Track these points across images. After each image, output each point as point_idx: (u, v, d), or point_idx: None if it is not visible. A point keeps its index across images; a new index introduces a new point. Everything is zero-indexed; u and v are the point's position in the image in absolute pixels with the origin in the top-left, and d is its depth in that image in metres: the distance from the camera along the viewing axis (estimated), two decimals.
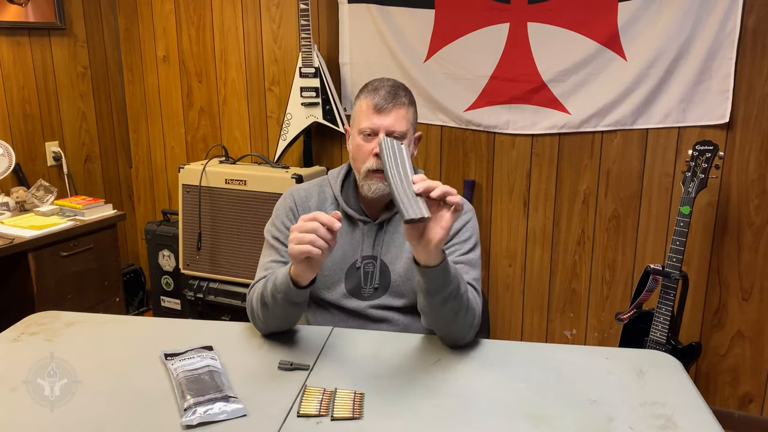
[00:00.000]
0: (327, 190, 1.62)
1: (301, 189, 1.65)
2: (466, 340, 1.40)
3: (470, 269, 1.51)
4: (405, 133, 1.50)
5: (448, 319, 1.36)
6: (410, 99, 1.54)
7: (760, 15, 2.22)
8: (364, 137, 1.50)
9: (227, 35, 3.11)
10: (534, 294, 2.79)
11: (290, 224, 1.57)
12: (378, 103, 1.48)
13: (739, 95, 2.30)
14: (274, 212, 1.63)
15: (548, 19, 2.49)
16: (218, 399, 1.15)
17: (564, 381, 1.26)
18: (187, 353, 1.31)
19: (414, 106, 1.55)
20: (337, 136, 2.95)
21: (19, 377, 1.27)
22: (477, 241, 1.57)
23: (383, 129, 1.48)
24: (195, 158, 3.34)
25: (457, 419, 1.13)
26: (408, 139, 1.51)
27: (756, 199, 2.34)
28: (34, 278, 2.45)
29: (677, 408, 1.16)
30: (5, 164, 2.70)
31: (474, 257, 1.54)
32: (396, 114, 1.49)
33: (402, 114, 1.50)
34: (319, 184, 1.65)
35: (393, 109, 1.48)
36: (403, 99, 1.51)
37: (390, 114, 1.48)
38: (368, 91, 1.51)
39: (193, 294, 2.92)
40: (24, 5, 2.88)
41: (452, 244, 1.54)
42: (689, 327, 2.52)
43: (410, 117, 1.52)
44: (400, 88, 1.53)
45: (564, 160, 2.62)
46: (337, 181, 1.61)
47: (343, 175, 1.61)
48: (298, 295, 1.34)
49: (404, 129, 1.50)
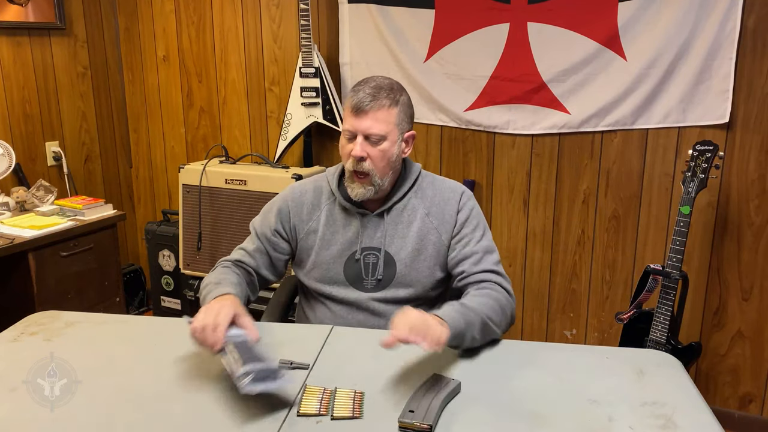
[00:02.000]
0: (324, 185, 1.64)
1: (296, 187, 1.67)
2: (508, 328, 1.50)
3: (487, 255, 1.54)
4: (384, 135, 1.49)
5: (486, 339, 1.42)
6: (395, 99, 1.50)
7: (760, 15, 2.22)
8: (346, 138, 1.52)
9: (227, 35, 3.11)
10: (534, 294, 2.79)
11: (273, 221, 1.62)
12: (355, 105, 1.48)
13: (739, 95, 2.30)
14: (263, 208, 1.66)
15: (548, 19, 2.49)
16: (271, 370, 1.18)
17: (564, 381, 1.26)
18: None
19: (402, 105, 1.52)
20: (337, 136, 2.94)
21: (19, 377, 1.27)
22: (485, 226, 1.60)
23: (360, 132, 1.48)
24: (195, 158, 3.34)
25: (457, 419, 1.13)
26: (391, 140, 1.50)
27: (756, 199, 2.34)
28: (34, 278, 2.45)
29: (677, 408, 1.16)
30: (5, 164, 2.70)
31: (487, 243, 1.57)
32: (374, 116, 1.47)
33: (381, 116, 1.48)
34: (316, 180, 1.67)
35: (370, 112, 1.47)
36: (384, 100, 1.48)
37: (367, 116, 1.47)
38: (352, 92, 1.52)
39: (193, 294, 2.92)
40: (24, 5, 2.88)
41: (462, 236, 1.56)
42: (689, 327, 2.52)
43: (393, 118, 1.50)
44: (383, 88, 1.50)
45: (564, 160, 2.62)
46: (335, 176, 1.62)
47: (341, 169, 1.62)
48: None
49: (383, 131, 1.48)
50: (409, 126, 1.56)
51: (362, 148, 1.48)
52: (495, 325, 1.41)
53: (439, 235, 1.57)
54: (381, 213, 1.58)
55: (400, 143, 1.53)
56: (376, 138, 1.48)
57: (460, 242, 1.56)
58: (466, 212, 1.58)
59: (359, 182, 1.51)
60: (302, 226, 1.61)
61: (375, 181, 1.51)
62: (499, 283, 1.51)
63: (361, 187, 1.51)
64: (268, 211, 1.64)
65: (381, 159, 1.50)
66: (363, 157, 1.48)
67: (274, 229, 1.61)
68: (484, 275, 1.52)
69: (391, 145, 1.50)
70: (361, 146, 1.48)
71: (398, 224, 1.58)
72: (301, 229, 1.61)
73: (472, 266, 1.53)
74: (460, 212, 1.58)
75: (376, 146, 1.49)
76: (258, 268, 1.62)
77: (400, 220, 1.58)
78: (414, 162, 1.65)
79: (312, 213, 1.61)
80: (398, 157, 1.54)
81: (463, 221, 1.57)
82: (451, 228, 1.57)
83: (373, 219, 1.58)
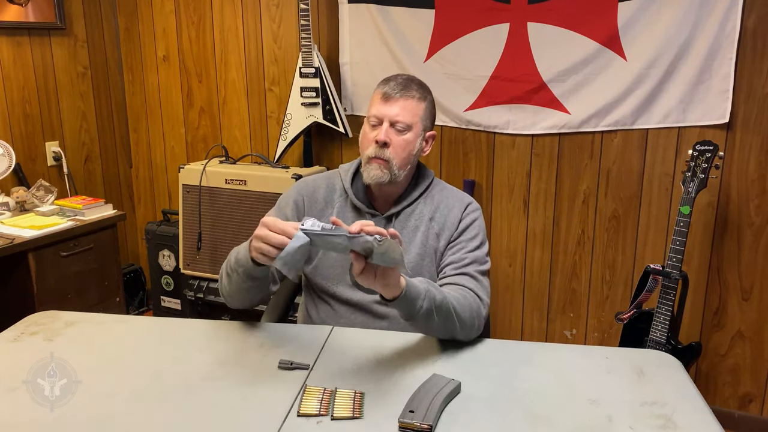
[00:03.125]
0: (337, 182, 1.64)
1: (309, 181, 1.66)
2: (474, 336, 1.42)
3: (477, 265, 1.53)
4: (410, 125, 1.50)
5: (445, 328, 1.38)
6: (423, 94, 1.54)
7: (760, 15, 2.22)
8: (371, 126, 1.53)
9: (227, 35, 3.11)
10: (534, 294, 2.79)
11: (289, 214, 1.59)
12: (387, 92, 1.51)
13: (739, 95, 2.30)
14: (278, 202, 1.65)
15: (548, 19, 2.49)
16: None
17: (564, 381, 1.26)
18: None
19: (428, 103, 1.56)
20: (337, 136, 2.95)
21: (19, 377, 1.26)
22: (484, 239, 1.59)
23: (387, 118, 1.49)
24: (195, 158, 3.34)
25: (457, 419, 1.13)
26: (415, 133, 1.52)
27: (756, 199, 2.34)
28: (34, 278, 2.45)
29: (677, 408, 1.16)
30: (5, 164, 2.70)
31: (480, 254, 1.55)
32: (403, 104, 1.50)
33: (410, 106, 1.51)
34: (329, 176, 1.66)
35: (400, 99, 1.50)
36: (414, 92, 1.52)
37: (397, 103, 1.50)
38: (383, 82, 1.54)
39: (193, 294, 2.92)
40: (24, 5, 2.88)
41: (459, 242, 1.56)
42: (689, 327, 2.52)
43: (420, 112, 1.53)
44: (413, 82, 1.54)
45: (564, 160, 2.62)
46: (348, 173, 1.62)
47: (354, 168, 1.62)
48: (256, 270, 1.37)
49: (409, 120, 1.50)
50: (431, 127, 1.59)
51: (387, 134, 1.49)
52: (457, 316, 1.37)
53: (438, 240, 1.57)
54: (390, 216, 1.58)
55: (422, 141, 1.55)
56: (402, 126, 1.50)
57: (454, 247, 1.56)
58: (468, 221, 1.58)
59: (377, 164, 1.50)
60: None
61: (393, 170, 1.51)
62: (473, 288, 1.48)
63: (378, 170, 1.50)
64: (284, 206, 1.62)
65: (403, 149, 1.51)
66: (386, 143, 1.49)
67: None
68: (462, 278, 1.50)
69: (414, 137, 1.52)
70: (386, 132, 1.49)
71: (404, 228, 1.57)
72: None
73: (455, 269, 1.52)
74: (462, 220, 1.58)
75: (400, 135, 1.50)
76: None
77: (406, 225, 1.58)
78: (428, 168, 1.65)
79: (324, 210, 1.61)
80: (417, 153, 1.56)
81: (463, 229, 1.57)
82: (451, 234, 1.57)
83: (382, 221, 1.58)
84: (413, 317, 1.34)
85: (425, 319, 1.35)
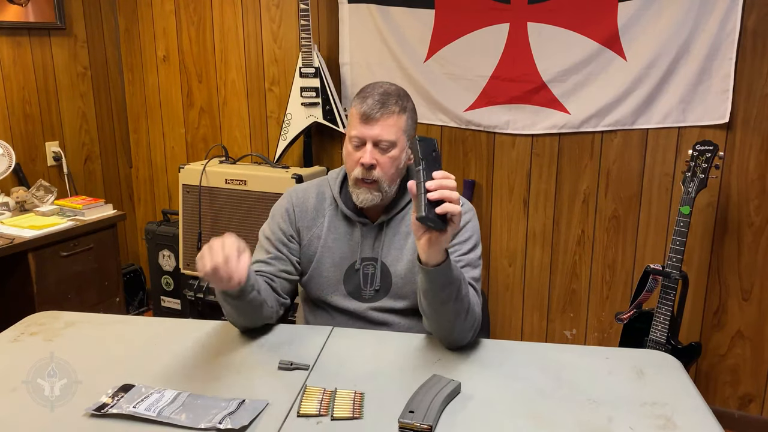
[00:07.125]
0: (326, 191, 1.62)
1: (300, 189, 1.65)
2: (465, 342, 1.40)
3: (470, 269, 1.50)
4: (394, 142, 1.47)
5: (449, 321, 1.36)
6: (403, 106, 1.49)
7: (760, 15, 2.22)
8: (353, 146, 1.49)
9: (227, 35, 3.11)
10: (534, 294, 2.79)
11: (284, 226, 1.58)
12: (365, 112, 1.46)
13: (739, 95, 2.30)
14: (271, 213, 1.64)
15: (548, 19, 2.49)
16: (233, 405, 1.15)
17: (564, 381, 1.26)
18: (124, 399, 1.18)
19: (409, 112, 1.51)
20: (337, 136, 2.95)
21: (19, 377, 1.27)
22: (477, 241, 1.56)
23: (369, 139, 1.46)
24: (195, 158, 3.34)
25: (457, 419, 1.13)
26: (400, 147, 1.49)
27: (756, 199, 2.34)
28: (34, 278, 2.45)
29: (677, 408, 1.16)
30: (5, 164, 2.70)
31: (474, 257, 1.53)
32: (383, 123, 1.46)
33: (391, 123, 1.46)
34: (318, 184, 1.65)
35: (380, 119, 1.45)
36: (393, 107, 1.47)
37: (377, 124, 1.46)
38: (359, 98, 1.49)
39: (193, 294, 2.92)
40: (24, 5, 2.88)
41: (452, 244, 1.53)
42: (689, 327, 2.52)
43: (402, 124, 1.48)
44: (391, 95, 1.48)
45: (564, 160, 2.62)
46: (336, 182, 1.60)
47: (342, 176, 1.60)
48: (232, 294, 1.36)
49: (393, 138, 1.47)
50: (414, 133, 1.55)
51: (372, 155, 1.46)
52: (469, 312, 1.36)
53: None
54: (381, 223, 1.57)
55: (407, 150, 1.52)
56: (385, 145, 1.46)
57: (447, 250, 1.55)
58: (462, 222, 1.54)
59: (366, 188, 1.49)
60: (306, 232, 1.59)
61: (383, 188, 1.49)
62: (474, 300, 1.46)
63: (368, 193, 1.48)
64: (278, 217, 1.60)
65: (390, 166, 1.48)
66: (373, 165, 1.46)
67: (289, 234, 1.58)
68: None
69: (400, 152, 1.49)
70: (370, 154, 1.46)
71: (396, 235, 1.56)
72: (305, 235, 1.59)
73: None
74: None
75: (385, 153, 1.47)
76: (277, 273, 1.55)
77: (398, 231, 1.56)
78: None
79: (315, 219, 1.59)
80: (405, 164, 1.53)
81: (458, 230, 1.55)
82: None
83: (373, 228, 1.57)
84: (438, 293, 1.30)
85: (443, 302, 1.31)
